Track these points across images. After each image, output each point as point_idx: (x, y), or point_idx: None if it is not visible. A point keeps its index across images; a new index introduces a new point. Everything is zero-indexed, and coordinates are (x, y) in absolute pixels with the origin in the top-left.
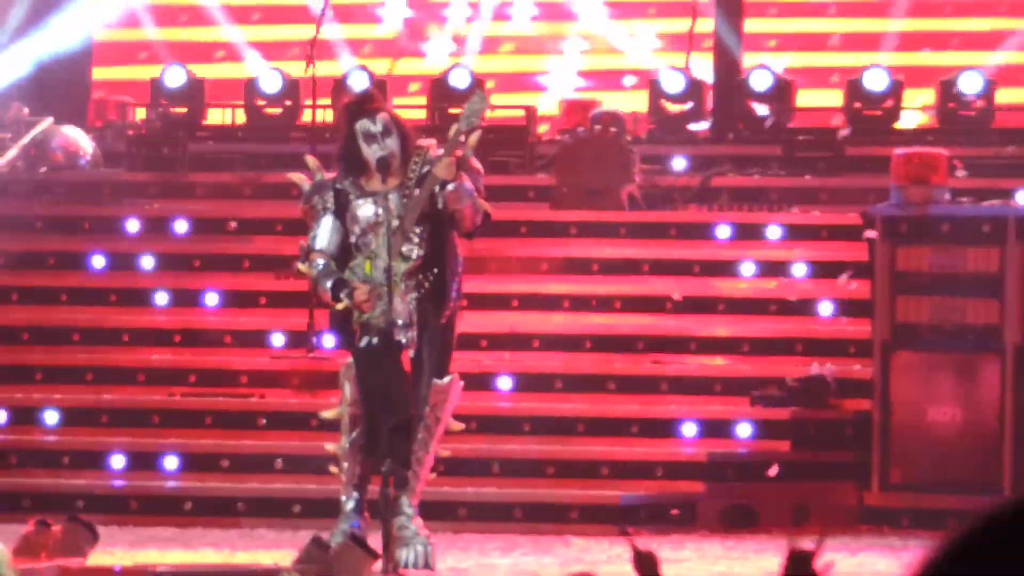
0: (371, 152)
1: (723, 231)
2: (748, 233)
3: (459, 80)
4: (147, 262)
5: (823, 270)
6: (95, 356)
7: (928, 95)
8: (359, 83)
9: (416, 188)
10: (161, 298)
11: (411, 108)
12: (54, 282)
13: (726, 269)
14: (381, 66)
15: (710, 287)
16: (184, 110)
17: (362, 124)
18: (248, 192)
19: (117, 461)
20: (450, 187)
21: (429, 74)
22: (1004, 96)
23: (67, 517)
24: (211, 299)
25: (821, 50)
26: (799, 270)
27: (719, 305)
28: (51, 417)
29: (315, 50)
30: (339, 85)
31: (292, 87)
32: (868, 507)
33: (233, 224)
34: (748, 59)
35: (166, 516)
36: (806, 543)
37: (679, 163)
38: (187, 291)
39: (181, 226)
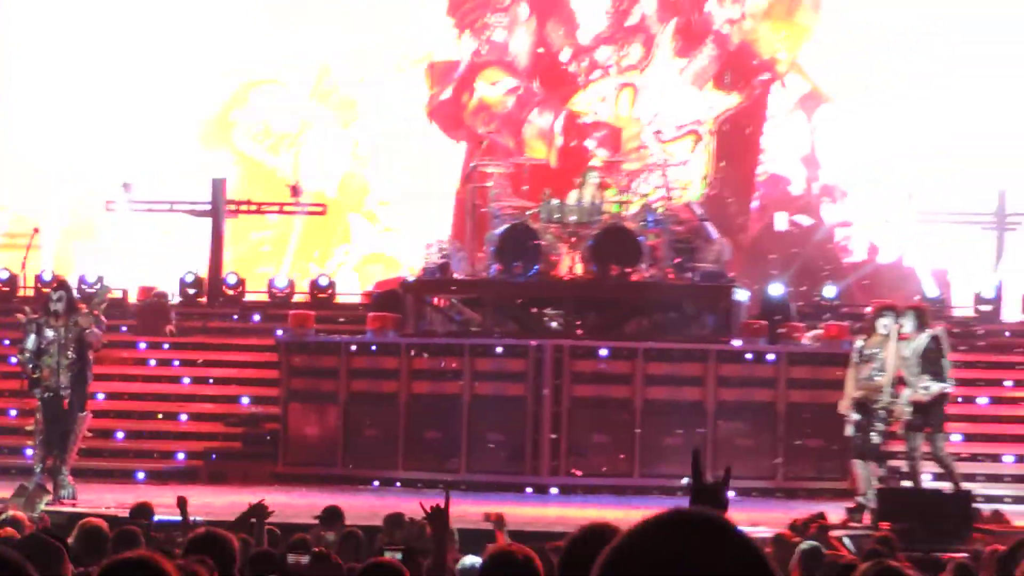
0: (51, 306)
1: (219, 343)
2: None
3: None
4: None
5: (257, 369)
6: None
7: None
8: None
9: (75, 327)
10: None
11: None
12: None
13: (224, 363)
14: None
15: (211, 372)
16: None
17: (49, 295)
18: None
19: None
20: (87, 331)
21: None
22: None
23: None
24: None
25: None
26: (249, 369)
27: (210, 379)
28: None
29: (27, 255)
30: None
31: (14, 277)
32: (277, 473)
33: None
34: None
35: None
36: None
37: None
38: None
39: None
